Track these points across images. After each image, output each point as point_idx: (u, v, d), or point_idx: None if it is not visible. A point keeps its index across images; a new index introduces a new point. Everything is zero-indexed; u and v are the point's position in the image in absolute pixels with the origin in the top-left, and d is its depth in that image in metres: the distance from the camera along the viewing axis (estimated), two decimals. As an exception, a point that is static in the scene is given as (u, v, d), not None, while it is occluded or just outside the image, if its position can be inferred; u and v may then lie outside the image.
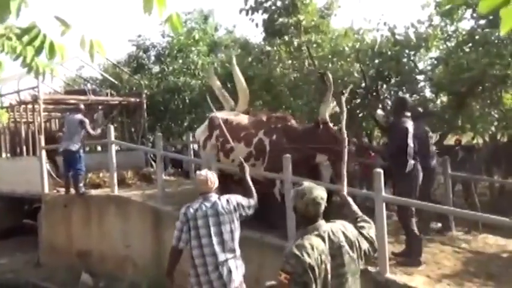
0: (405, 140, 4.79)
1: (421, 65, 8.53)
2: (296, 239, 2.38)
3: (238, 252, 3.63)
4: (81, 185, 8.04)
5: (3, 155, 10.80)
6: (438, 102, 8.66)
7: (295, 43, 8.43)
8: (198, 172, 3.83)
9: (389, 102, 8.80)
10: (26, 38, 1.92)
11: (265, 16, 8.79)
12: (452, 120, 7.92)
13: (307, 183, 2.51)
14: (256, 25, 8.99)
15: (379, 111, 7.69)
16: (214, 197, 3.64)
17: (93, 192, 8.26)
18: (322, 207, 2.40)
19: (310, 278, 2.22)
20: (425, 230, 5.56)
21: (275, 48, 9.06)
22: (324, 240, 2.33)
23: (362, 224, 2.63)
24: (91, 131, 8.19)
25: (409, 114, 5.04)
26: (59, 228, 8.42)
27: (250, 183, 3.91)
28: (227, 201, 3.64)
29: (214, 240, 3.50)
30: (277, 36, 8.85)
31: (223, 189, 5.99)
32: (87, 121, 8.10)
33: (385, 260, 4.46)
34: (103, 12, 49.22)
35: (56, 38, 2.05)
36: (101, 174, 9.02)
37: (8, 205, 10.31)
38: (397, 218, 5.44)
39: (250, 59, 11.24)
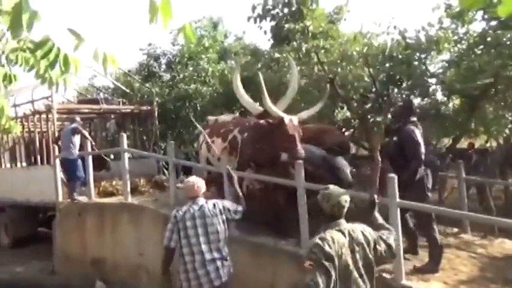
0: (417, 147, 4.77)
1: (432, 68, 8.47)
2: (319, 233, 2.67)
3: (225, 252, 3.94)
4: (75, 194, 8.30)
5: (18, 164, 10.93)
6: (450, 105, 8.57)
7: (304, 49, 8.43)
8: (185, 179, 4.21)
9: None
10: (39, 52, 1.95)
11: (273, 23, 8.82)
12: (465, 123, 7.84)
13: (332, 187, 2.80)
14: (265, 32, 9.02)
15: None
16: (201, 200, 3.99)
17: (107, 200, 8.34)
18: (346, 209, 2.72)
19: (331, 266, 2.50)
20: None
21: (284, 54, 9.08)
22: (344, 235, 2.63)
23: (382, 230, 2.89)
24: (85, 133, 8.55)
25: (415, 118, 5.03)
26: (73, 236, 8.48)
27: (238, 189, 4.28)
28: (213, 205, 4.00)
29: (202, 239, 3.85)
30: (286, 42, 8.86)
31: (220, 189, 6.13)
32: (79, 127, 8.42)
33: (400, 266, 4.41)
34: (114, 22, 49.81)
35: (69, 50, 2.08)
36: (113, 182, 9.10)
37: (23, 214, 10.42)
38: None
39: (259, 65, 11.28)
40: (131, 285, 7.17)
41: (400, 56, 7.74)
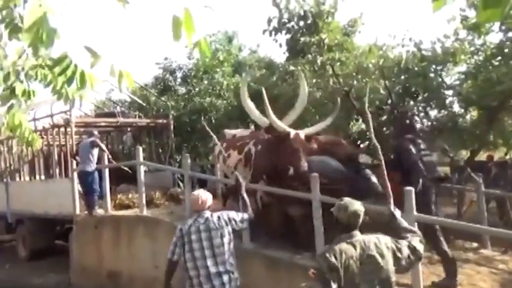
0: (413, 160, 4.94)
1: (448, 80, 8.39)
2: (332, 244, 2.76)
3: (231, 265, 3.89)
4: (96, 207, 8.39)
5: (37, 177, 11.11)
6: (468, 117, 8.46)
7: (319, 61, 8.44)
8: (192, 192, 4.26)
9: (417, 119, 8.67)
10: (57, 69, 1.99)
11: (288, 36, 8.86)
12: (484, 136, 7.72)
13: (347, 198, 2.88)
14: (280, 45, 9.06)
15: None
16: (207, 213, 3.96)
17: (122, 213, 8.40)
18: (361, 220, 2.79)
19: (334, 276, 2.58)
20: None
21: (299, 67, 9.11)
22: (355, 247, 2.68)
23: (406, 234, 2.93)
24: (103, 147, 8.67)
25: (410, 136, 5.21)
26: (89, 249, 8.54)
27: (246, 198, 4.31)
28: (218, 217, 3.96)
29: (207, 253, 3.81)
30: (301, 55, 8.89)
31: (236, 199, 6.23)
32: (97, 141, 8.53)
33: (419, 282, 4.32)
34: (131, 37, 50.76)
35: (86, 66, 2.13)
36: (129, 195, 9.17)
37: (40, 226, 10.56)
38: None
39: (274, 78, 11.32)
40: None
41: (415, 68, 7.69)
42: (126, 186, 10.05)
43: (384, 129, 8.55)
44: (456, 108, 8.31)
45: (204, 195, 4.03)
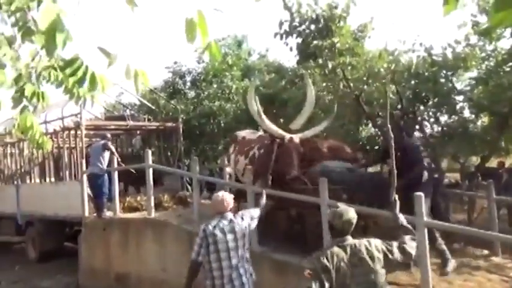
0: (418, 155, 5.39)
1: (459, 85, 8.31)
2: (325, 247, 3.03)
3: (250, 264, 4.03)
4: (104, 209, 8.43)
5: (47, 179, 11.20)
6: (479, 123, 8.37)
7: (330, 66, 8.42)
8: (215, 194, 4.27)
9: (427, 124, 8.61)
10: (68, 70, 2.01)
11: (299, 40, 8.85)
12: (495, 142, 7.63)
13: (342, 206, 3.06)
14: (291, 49, 9.06)
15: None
16: (230, 215, 4.03)
17: (131, 215, 8.43)
18: (353, 226, 2.95)
19: (327, 277, 2.76)
20: None
21: (309, 71, 9.09)
22: (345, 251, 2.85)
23: (404, 237, 3.05)
24: (113, 150, 8.74)
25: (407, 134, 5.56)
26: (98, 251, 8.58)
27: (263, 203, 4.64)
28: (242, 218, 4.07)
29: (232, 254, 3.87)
30: (311, 59, 8.87)
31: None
32: (108, 144, 8.63)
33: (428, 286, 4.28)
34: (140, 41, 51.15)
35: (97, 68, 2.15)
36: (138, 198, 9.21)
37: (50, 228, 10.64)
38: None
39: (283, 82, 11.32)
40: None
41: (426, 73, 7.63)
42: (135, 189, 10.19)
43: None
44: (467, 113, 8.23)
45: (228, 197, 4.10)
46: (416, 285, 4.65)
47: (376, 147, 9.42)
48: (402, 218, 3.21)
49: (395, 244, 2.95)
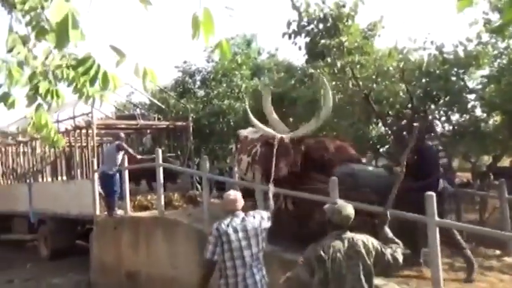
0: (436, 161, 5.22)
1: (471, 84, 8.23)
2: (323, 239, 3.10)
3: (262, 263, 4.03)
4: (116, 208, 8.51)
5: (59, 178, 11.32)
6: (490, 122, 8.28)
7: (339, 64, 8.39)
8: (227, 192, 4.27)
9: (438, 123, 8.53)
10: (81, 69, 2.04)
11: (308, 39, 8.83)
12: (507, 141, 7.54)
13: (341, 202, 3.23)
14: (299, 48, 9.04)
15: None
16: (241, 214, 4.03)
17: (141, 214, 8.50)
18: (351, 221, 3.12)
19: (320, 266, 2.95)
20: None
21: (318, 70, 9.07)
22: (343, 242, 3.02)
23: (391, 244, 3.21)
24: (130, 150, 8.82)
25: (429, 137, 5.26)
26: (109, 249, 8.66)
27: (272, 202, 4.75)
28: (253, 217, 4.06)
29: (245, 253, 3.86)
30: (320, 58, 8.85)
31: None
32: (122, 144, 8.71)
33: (439, 286, 4.25)
34: (150, 40, 51.41)
35: (108, 67, 2.17)
36: (148, 197, 9.27)
37: (62, 226, 10.75)
38: None
39: (293, 81, 11.29)
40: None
41: (437, 72, 7.57)
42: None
43: (404, 133, 8.44)
44: (478, 112, 8.14)
45: (239, 196, 4.12)
46: (423, 278, 4.63)
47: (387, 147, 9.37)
48: (391, 235, 3.34)
49: (389, 250, 3.11)
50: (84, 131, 10.39)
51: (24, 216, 11.89)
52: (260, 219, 4.07)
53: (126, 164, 8.51)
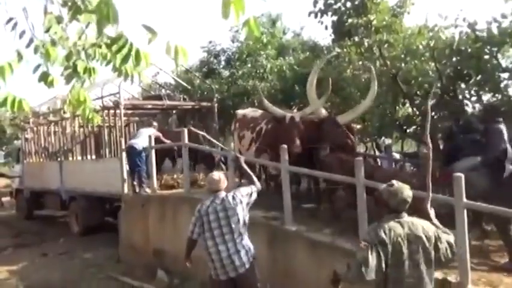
0: (503, 143, 4.92)
1: (504, 62, 7.93)
2: (380, 221, 2.94)
3: (247, 238, 4.25)
4: (143, 185, 8.68)
5: (88, 156, 11.60)
6: (525, 102, 7.99)
7: (366, 43, 8.22)
8: (211, 173, 4.57)
9: (468, 103, 8.29)
10: (115, 47, 2.07)
11: (335, 18, 8.66)
12: (541, 121, 7.28)
13: (398, 183, 3.01)
14: (326, 27, 8.89)
15: None
16: (222, 194, 4.28)
17: (167, 192, 8.67)
18: (408, 204, 2.95)
19: (383, 249, 2.78)
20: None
21: (345, 49, 8.90)
22: (402, 226, 2.87)
23: (441, 233, 3.04)
24: (165, 140, 9.13)
25: (501, 119, 5.18)
26: (136, 227, 8.87)
27: (248, 170, 4.73)
28: (233, 196, 4.26)
29: (224, 230, 4.13)
30: (347, 37, 8.69)
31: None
32: (162, 137, 9.08)
33: (466, 270, 4.19)
34: (175, 21, 51.40)
35: (139, 45, 2.19)
36: (174, 176, 9.42)
37: (92, 203, 11.07)
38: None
39: (318, 61, 11.13)
40: (190, 276, 7.38)
41: (469, 50, 7.32)
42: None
43: (433, 113, 8.25)
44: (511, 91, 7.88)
45: (222, 176, 4.40)
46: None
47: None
48: (438, 223, 3.15)
49: (445, 236, 2.99)
50: (112, 111, 10.57)
51: (56, 193, 12.29)
52: (240, 197, 4.26)
53: (153, 142, 8.65)
